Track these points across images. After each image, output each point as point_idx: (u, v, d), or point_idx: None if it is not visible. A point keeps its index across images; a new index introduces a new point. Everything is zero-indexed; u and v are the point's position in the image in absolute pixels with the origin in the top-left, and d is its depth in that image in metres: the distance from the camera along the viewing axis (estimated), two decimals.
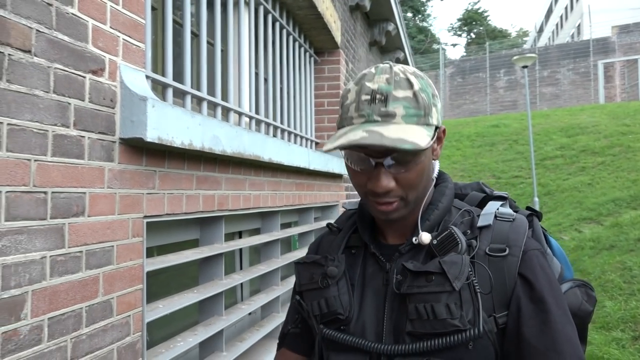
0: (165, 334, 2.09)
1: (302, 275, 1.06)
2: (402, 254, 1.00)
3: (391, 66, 0.94)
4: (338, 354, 1.00)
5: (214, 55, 2.37)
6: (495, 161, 14.96)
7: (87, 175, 1.31)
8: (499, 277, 0.93)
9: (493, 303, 0.92)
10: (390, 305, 0.97)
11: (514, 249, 0.94)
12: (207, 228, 2.15)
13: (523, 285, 0.93)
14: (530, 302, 0.91)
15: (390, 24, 5.46)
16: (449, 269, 0.89)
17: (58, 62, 1.22)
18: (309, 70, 3.99)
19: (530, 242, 0.98)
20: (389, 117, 0.88)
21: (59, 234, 1.22)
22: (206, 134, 1.77)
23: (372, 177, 0.92)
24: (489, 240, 0.96)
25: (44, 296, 1.17)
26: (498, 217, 0.99)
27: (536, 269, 0.94)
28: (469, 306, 0.89)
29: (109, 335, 1.39)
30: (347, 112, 0.92)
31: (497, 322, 0.92)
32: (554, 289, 0.93)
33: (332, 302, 1.00)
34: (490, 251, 0.94)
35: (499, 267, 0.93)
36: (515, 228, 0.97)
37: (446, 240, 0.95)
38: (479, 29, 39.37)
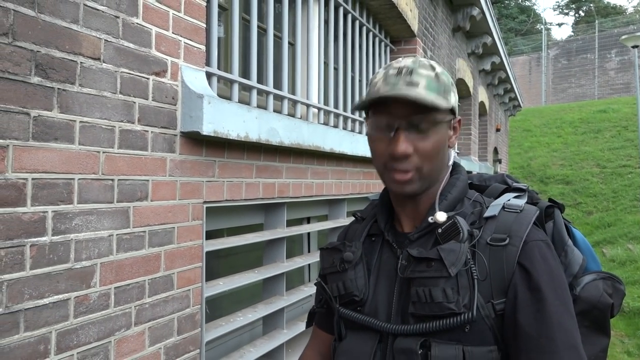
0: (232, 312, 2.29)
1: (325, 259, 1.16)
2: (412, 241, 1.07)
3: (416, 56, 1.05)
4: (353, 332, 1.10)
5: (282, 50, 2.50)
6: (600, 149, 13.98)
7: (150, 165, 1.50)
8: (498, 265, 0.97)
9: (491, 290, 0.96)
10: (399, 288, 1.05)
11: (514, 239, 0.97)
12: (271, 214, 2.31)
13: (521, 274, 0.95)
14: (526, 290, 0.94)
15: (475, 8, 5.31)
16: (446, 256, 0.95)
17: (124, 67, 1.40)
18: (384, 59, 4.02)
19: (534, 233, 0.99)
20: (413, 85, 0.96)
21: (125, 215, 1.41)
22: (263, 126, 1.90)
23: (392, 142, 0.98)
24: (492, 230, 1.00)
25: (111, 268, 1.37)
26: (506, 208, 1.03)
27: (535, 259, 0.96)
28: (466, 291, 0.94)
29: (170, 306, 1.58)
30: (375, 86, 1.01)
31: (494, 308, 0.96)
32: (553, 279, 0.95)
33: (349, 284, 1.09)
34: (492, 241, 0.98)
35: (498, 256, 0.97)
36: (520, 219, 1.00)
37: (449, 229, 1.00)
38: (589, 6, 36.49)
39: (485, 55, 7.20)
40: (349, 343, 1.10)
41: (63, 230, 1.24)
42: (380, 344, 1.04)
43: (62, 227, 1.24)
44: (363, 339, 1.07)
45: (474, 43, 6.29)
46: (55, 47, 1.21)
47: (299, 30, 2.70)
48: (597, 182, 12.54)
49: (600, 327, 1.05)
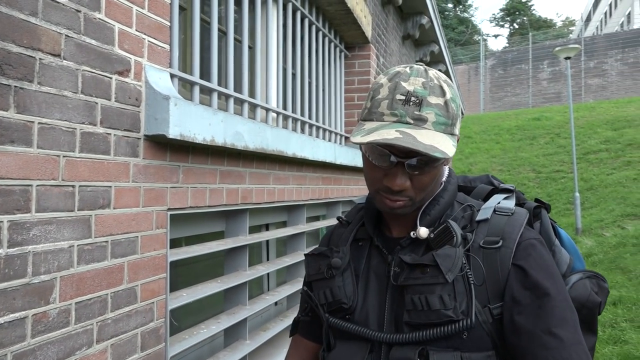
0: (193, 323, 2.19)
1: (311, 266, 1.11)
2: (403, 247, 1.03)
3: (426, 70, 0.97)
4: (343, 342, 1.05)
5: (242, 52, 2.44)
6: (535, 155, 14.63)
7: (113, 170, 1.40)
8: (492, 269, 0.95)
9: (487, 294, 0.95)
10: (391, 295, 1.02)
11: (507, 241, 0.96)
12: (232, 221, 2.23)
13: (516, 274, 0.94)
14: (523, 289, 0.93)
15: (424, 17, 5.42)
16: (442, 262, 0.92)
17: (86, 65, 1.30)
18: (339, 65, 4.02)
19: (527, 233, 0.99)
20: (421, 122, 0.91)
21: (86, 224, 1.31)
22: (228, 130, 1.84)
23: (390, 175, 0.95)
24: (485, 234, 0.98)
25: (72, 282, 1.27)
26: (497, 211, 1.02)
27: (530, 257, 0.95)
28: (463, 297, 0.92)
29: (133, 320, 1.48)
30: (378, 107, 0.94)
31: (492, 313, 0.94)
32: (551, 275, 0.94)
33: (337, 291, 1.05)
34: (485, 244, 0.97)
35: (493, 259, 0.96)
36: (512, 221, 0.99)
37: (442, 233, 0.97)
38: (522, 19, 38.32)
39: (432, 63, 7.37)
40: (338, 353, 1.06)
41: (20, 242, 1.13)
42: (371, 354, 1.01)
43: (18, 238, 1.13)
44: (353, 349, 1.03)
45: (422, 51, 6.42)
46: (12, 41, 1.11)
47: (258, 33, 2.64)
48: (533, 186, 13.10)
49: (588, 325, 1.05)
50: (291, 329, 1.24)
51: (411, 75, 0.95)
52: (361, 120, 0.99)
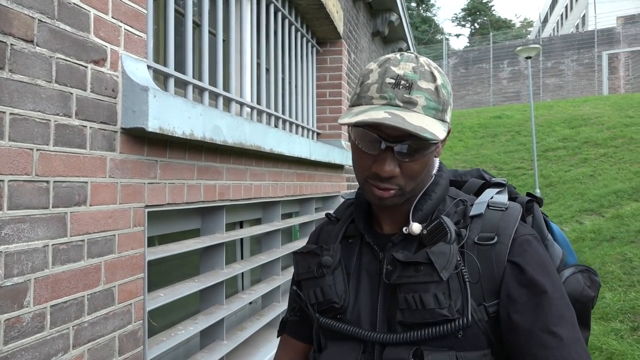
0: (169, 323, 2.11)
1: (300, 264, 1.07)
2: (395, 244, 1.00)
3: (417, 56, 0.95)
4: (334, 342, 1.02)
5: (216, 46, 2.37)
6: (497, 152, 14.94)
7: (89, 165, 1.32)
8: (487, 266, 0.93)
9: (482, 292, 0.92)
10: (383, 294, 0.99)
11: (502, 237, 0.94)
12: (209, 218, 2.17)
13: (512, 271, 0.92)
14: (520, 287, 0.91)
15: (393, 14, 5.43)
16: (436, 259, 0.89)
17: (60, 52, 1.22)
18: (311, 60, 3.98)
19: (522, 229, 0.97)
20: (410, 105, 0.89)
21: (61, 222, 1.23)
22: (207, 124, 1.77)
23: (379, 160, 0.92)
24: (479, 229, 0.96)
25: (46, 284, 1.19)
26: (490, 206, 0.99)
27: (526, 254, 0.93)
28: (458, 295, 0.90)
29: (110, 323, 1.41)
30: (367, 92, 0.92)
31: (487, 311, 0.92)
32: (548, 272, 0.92)
33: (328, 290, 1.01)
34: (479, 240, 0.94)
35: (488, 255, 0.93)
36: (506, 217, 0.97)
37: (435, 230, 0.94)
38: (483, 19, 39.11)
39: None
40: (330, 354, 1.02)
41: None
42: (364, 354, 0.97)
43: None
44: (345, 350, 0.99)
45: (391, 48, 6.44)
46: None
47: (233, 26, 2.57)
48: None
49: (582, 320, 1.03)
50: (279, 329, 1.20)
51: (401, 60, 0.93)
52: (350, 106, 0.97)
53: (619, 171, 11.56)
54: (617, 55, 22.81)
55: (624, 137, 13.17)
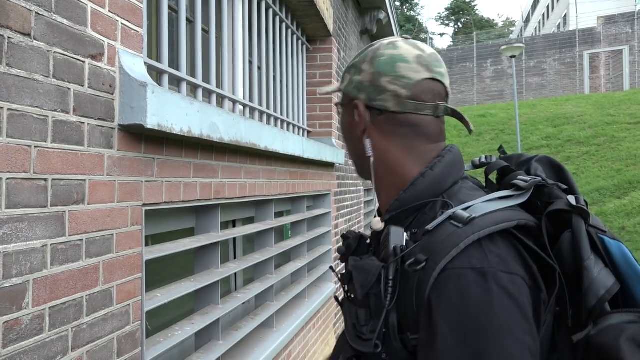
0: (162, 324, 2.08)
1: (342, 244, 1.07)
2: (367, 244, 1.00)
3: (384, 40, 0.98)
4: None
5: (209, 43, 2.33)
6: (482, 151, 15.06)
7: (87, 162, 1.29)
8: (408, 295, 0.78)
9: (407, 321, 0.79)
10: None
11: (429, 264, 0.75)
12: (203, 217, 2.14)
13: (426, 308, 0.75)
14: (425, 328, 0.75)
15: (382, 12, 5.43)
16: (356, 275, 0.83)
17: (57, 46, 1.19)
18: (301, 58, 3.96)
19: (463, 259, 0.74)
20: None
21: (60, 222, 1.20)
22: (204, 121, 1.74)
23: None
24: (420, 249, 0.79)
25: (45, 285, 1.15)
26: (451, 220, 0.80)
27: (445, 292, 0.73)
28: (377, 317, 0.80)
29: (109, 325, 1.38)
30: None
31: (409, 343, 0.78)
32: (461, 321, 0.71)
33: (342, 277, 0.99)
34: (410, 265, 0.77)
35: (410, 284, 0.78)
36: (451, 238, 0.76)
37: (384, 240, 0.84)
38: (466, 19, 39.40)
39: None
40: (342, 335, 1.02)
41: None
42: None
43: None
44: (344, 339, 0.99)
45: None
46: None
47: (225, 23, 2.54)
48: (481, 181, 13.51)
49: None
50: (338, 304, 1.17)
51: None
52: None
53: (602, 169, 11.74)
54: (598, 54, 23.16)
55: (606, 135, 13.37)
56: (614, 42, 22.73)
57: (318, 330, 3.81)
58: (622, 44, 22.52)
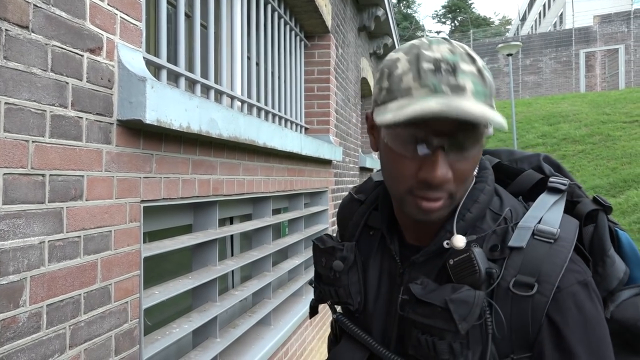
0: (158, 320, 2.06)
1: (317, 256, 1.01)
2: (416, 264, 0.90)
3: (446, 38, 0.81)
4: (347, 339, 0.98)
5: (207, 38, 2.31)
6: None
7: (85, 158, 1.27)
8: (521, 318, 0.79)
9: (512, 344, 0.80)
10: (401, 316, 0.89)
11: (544, 285, 0.78)
12: (201, 213, 2.12)
13: (549, 329, 0.78)
14: (554, 351, 0.78)
15: (380, 9, 5.41)
16: (455, 309, 0.76)
17: (56, 40, 1.17)
18: (299, 54, 3.94)
19: (570, 275, 0.79)
20: (459, 91, 0.73)
21: (58, 218, 1.18)
22: (203, 116, 1.73)
23: (427, 164, 0.77)
24: (517, 269, 0.80)
25: (43, 282, 1.14)
26: (536, 235, 0.82)
27: (568, 312, 0.78)
28: (477, 347, 0.79)
29: (107, 322, 1.36)
30: (401, 83, 0.76)
31: None
32: (589, 334, 0.78)
33: (342, 293, 0.96)
34: (515, 286, 0.79)
35: (523, 307, 0.79)
36: (552, 256, 0.80)
37: (463, 264, 0.80)
38: (463, 17, 39.43)
39: (385, 56, 7.42)
40: (339, 350, 0.98)
41: None
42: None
43: None
44: (353, 351, 0.95)
45: (376, 43, 6.43)
46: None
47: (224, 18, 2.52)
48: None
49: (631, 347, 0.88)
50: (310, 313, 1.13)
51: (431, 44, 0.78)
52: (379, 105, 0.81)
53: (597, 167, 11.77)
54: (593, 53, 23.21)
55: (601, 134, 13.41)
56: (610, 41, 22.78)
57: (315, 328, 3.80)
58: (618, 42, 22.58)
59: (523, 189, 0.98)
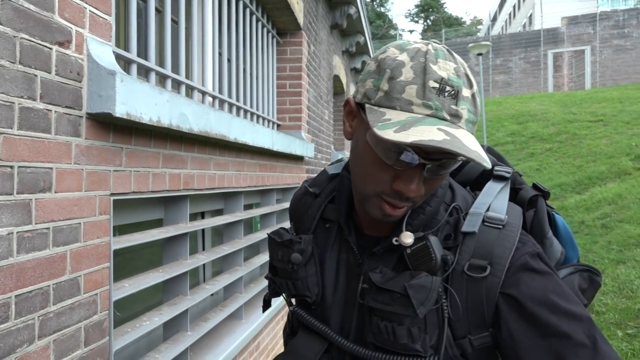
0: (131, 313, 2.07)
1: (273, 250, 1.02)
2: (376, 255, 0.92)
3: (450, 51, 0.82)
4: (305, 331, 1.00)
5: (178, 33, 2.32)
6: None
7: (54, 150, 1.28)
8: (476, 299, 0.83)
9: (469, 325, 0.84)
10: (359, 304, 0.93)
11: (496, 267, 0.83)
12: (172, 207, 2.13)
13: (508, 304, 0.81)
14: (519, 321, 0.80)
15: (352, 7, 5.47)
16: (414, 294, 0.80)
17: (24, 32, 1.17)
18: (271, 51, 3.96)
19: (519, 253, 0.84)
20: (456, 119, 0.76)
21: (26, 209, 1.19)
22: (174, 111, 1.74)
23: (404, 177, 0.80)
24: (470, 254, 0.84)
25: (11, 273, 1.15)
26: (486, 221, 0.87)
27: (521, 282, 0.82)
28: (434, 330, 0.83)
29: (76, 314, 1.37)
30: (402, 92, 0.77)
31: (472, 344, 0.84)
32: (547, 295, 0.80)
33: (299, 285, 0.97)
34: (469, 269, 0.83)
35: (477, 288, 0.83)
36: (503, 240, 0.85)
37: (420, 252, 0.83)
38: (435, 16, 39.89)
39: (357, 54, 7.48)
40: (297, 342, 1.00)
41: None
42: (326, 354, 0.95)
43: None
44: (310, 343, 0.97)
45: (348, 41, 6.48)
46: None
47: (195, 14, 2.53)
48: None
49: None
50: (263, 307, 1.15)
51: (438, 57, 0.78)
52: (374, 104, 0.80)
53: (563, 165, 12.08)
54: (561, 54, 23.78)
55: (568, 132, 13.77)
56: (577, 42, 23.38)
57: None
58: (585, 44, 23.19)
59: (470, 178, 1.03)
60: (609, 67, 22.72)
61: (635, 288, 5.18)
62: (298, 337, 1.01)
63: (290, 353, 1.00)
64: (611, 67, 22.69)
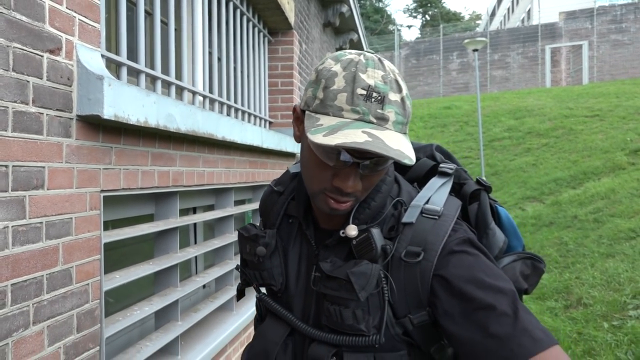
0: (125, 305, 2.17)
1: (242, 244, 1.11)
2: (328, 247, 1.01)
3: (380, 60, 0.90)
4: (271, 317, 1.10)
5: (168, 35, 2.41)
6: (446, 142, 15.40)
7: (46, 151, 1.38)
8: (412, 282, 0.92)
9: (407, 305, 0.93)
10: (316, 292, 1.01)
11: (429, 253, 0.91)
12: (162, 203, 2.23)
13: (439, 284, 0.90)
14: (450, 299, 0.89)
15: (344, 5, 5.55)
16: (356, 280, 0.89)
17: (17, 42, 1.27)
18: (262, 50, 4.05)
19: (450, 239, 0.92)
20: (383, 121, 0.85)
21: (20, 205, 1.29)
22: (161, 112, 1.84)
23: (342, 175, 0.89)
24: (408, 242, 0.94)
25: (7, 263, 1.25)
26: (424, 212, 0.96)
27: (450, 264, 0.90)
28: (377, 312, 0.92)
29: (68, 302, 1.47)
30: (334, 100, 0.85)
31: (412, 322, 0.93)
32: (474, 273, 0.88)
33: (265, 275, 1.07)
34: (406, 256, 0.92)
35: (413, 272, 0.92)
36: (436, 229, 0.93)
37: (363, 243, 0.93)
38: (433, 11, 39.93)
39: None
40: (265, 327, 1.10)
41: None
42: (289, 337, 1.04)
43: None
44: (276, 327, 1.07)
45: (342, 39, 6.57)
46: None
47: (184, 15, 2.62)
48: None
49: None
50: (237, 296, 1.25)
51: (368, 66, 0.86)
52: (312, 111, 0.90)
53: (559, 160, 12.18)
54: (559, 49, 23.82)
55: (564, 127, 13.85)
56: (575, 37, 23.42)
57: None
58: (582, 39, 23.23)
59: (419, 175, 1.12)
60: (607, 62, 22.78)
61: (623, 281, 5.29)
62: (265, 322, 1.11)
63: (259, 337, 1.10)
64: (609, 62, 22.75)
